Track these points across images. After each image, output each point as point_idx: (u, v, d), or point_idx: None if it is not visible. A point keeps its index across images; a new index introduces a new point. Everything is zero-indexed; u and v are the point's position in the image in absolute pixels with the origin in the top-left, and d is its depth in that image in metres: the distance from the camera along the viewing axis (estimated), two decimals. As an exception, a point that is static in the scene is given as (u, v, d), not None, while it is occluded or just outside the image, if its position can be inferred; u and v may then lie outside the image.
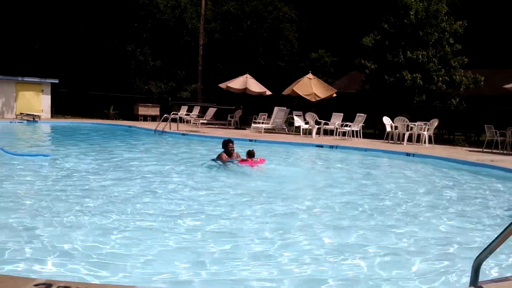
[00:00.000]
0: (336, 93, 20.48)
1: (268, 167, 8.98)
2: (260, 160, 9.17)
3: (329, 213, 5.59)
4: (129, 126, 19.28)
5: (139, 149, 12.38)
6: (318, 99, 19.65)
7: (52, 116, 22.34)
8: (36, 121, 19.55)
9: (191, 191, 6.58)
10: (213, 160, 9.01)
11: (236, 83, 21.30)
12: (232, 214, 5.32)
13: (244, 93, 21.51)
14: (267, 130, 19.15)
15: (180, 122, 19.63)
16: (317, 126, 17.46)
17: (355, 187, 7.60)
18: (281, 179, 8.25)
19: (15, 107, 21.47)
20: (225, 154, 8.90)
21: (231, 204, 5.85)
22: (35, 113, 20.33)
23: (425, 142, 15.83)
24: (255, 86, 21.35)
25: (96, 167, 8.29)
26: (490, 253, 2.58)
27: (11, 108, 21.46)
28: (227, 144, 8.97)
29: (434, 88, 20.01)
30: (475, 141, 20.16)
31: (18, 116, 20.70)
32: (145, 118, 24.11)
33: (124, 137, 15.87)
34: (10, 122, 19.03)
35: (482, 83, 20.12)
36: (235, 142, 9.21)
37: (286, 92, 20.79)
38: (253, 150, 9.22)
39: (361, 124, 17.21)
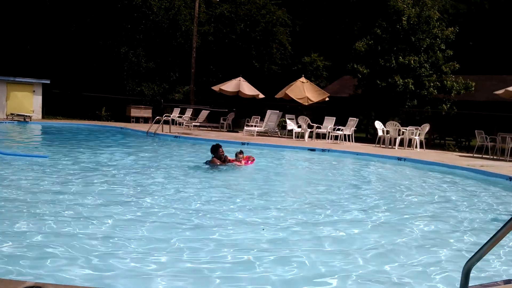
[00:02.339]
0: (328, 97, 20.55)
1: (259, 170, 8.98)
2: (250, 158, 9.32)
3: (322, 214, 5.61)
4: (121, 128, 19.17)
5: (132, 151, 12.30)
6: (311, 102, 19.71)
7: (43, 117, 22.16)
8: (27, 122, 19.39)
9: (183, 194, 6.55)
10: (205, 163, 8.97)
11: (229, 86, 21.28)
12: (229, 214, 5.32)
13: (237, 96, 21.50)
14: (260, 133, 19.16)
15: (173, 124, 19.60)
16: (309, 130, 17.49)
17: (343, 190, 7.63)
18: (272, 181, 8.26)
19: (5, 107, 21.27)
20: (216, 159, 8.85)
21: (227, 205, 5.84)
22: (25, 114, 20.16)
23: (416, 147, 15.94)
24: (248, 89, 21.35)
25: (89, 169, 8.23)
26: (481, 257, 2.58)
27: (2, 108, 21.25)
28: (217, 149, 8.87)
29: (426, 93, 20.16)
30: (465, 146, 20.34)
31: (8, 117, 20.51)
32: (137, 119, 24.01)
33: (116, 138, 15.78)
34: (0, 122, 18.85)
35: (473, 88, 20.32)
36: (227, 145, 9.23)
37: (279, 95, 20.83)
38: (241, 150, 9.45)
39: (353, 128, 17.30)
